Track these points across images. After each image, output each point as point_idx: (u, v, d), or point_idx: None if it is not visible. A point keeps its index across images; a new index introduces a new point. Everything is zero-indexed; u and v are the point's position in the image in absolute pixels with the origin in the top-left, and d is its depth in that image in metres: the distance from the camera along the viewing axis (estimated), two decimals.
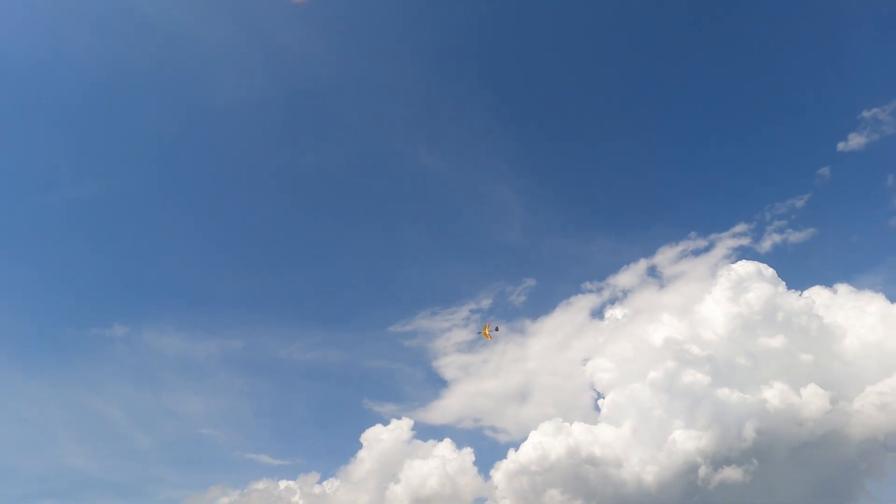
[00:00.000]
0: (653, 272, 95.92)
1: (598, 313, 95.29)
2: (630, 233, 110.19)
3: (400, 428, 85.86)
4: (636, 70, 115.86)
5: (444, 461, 79.40)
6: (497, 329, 72.75)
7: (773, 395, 64.94)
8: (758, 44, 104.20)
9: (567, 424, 74.38)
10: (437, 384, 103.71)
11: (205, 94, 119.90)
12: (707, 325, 72.79)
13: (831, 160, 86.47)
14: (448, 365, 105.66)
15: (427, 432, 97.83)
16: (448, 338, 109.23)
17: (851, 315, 71.65)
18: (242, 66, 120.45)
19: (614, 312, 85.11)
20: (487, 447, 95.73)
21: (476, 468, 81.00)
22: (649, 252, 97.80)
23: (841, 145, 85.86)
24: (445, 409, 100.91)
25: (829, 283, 76.87)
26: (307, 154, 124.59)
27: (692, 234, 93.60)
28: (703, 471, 63.12)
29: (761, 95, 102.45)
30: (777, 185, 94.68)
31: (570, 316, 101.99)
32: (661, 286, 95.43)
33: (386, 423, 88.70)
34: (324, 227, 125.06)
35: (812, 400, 63.33)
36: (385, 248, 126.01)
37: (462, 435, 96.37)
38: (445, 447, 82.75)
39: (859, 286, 75.61)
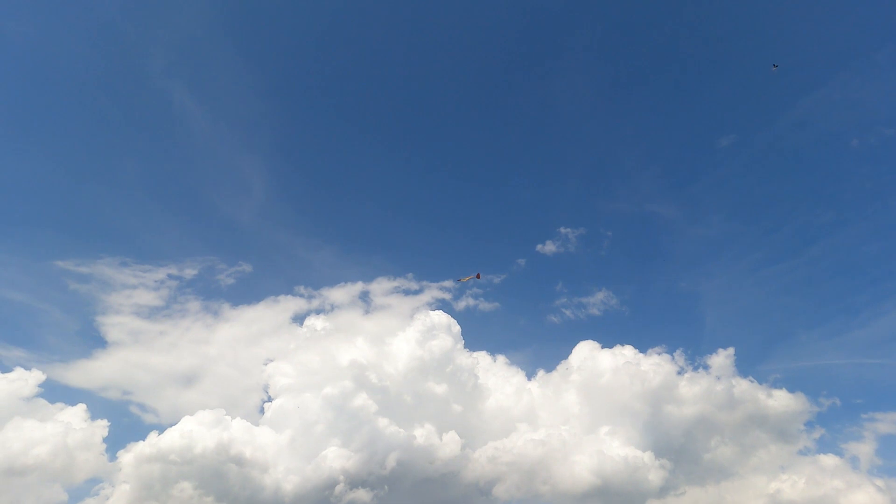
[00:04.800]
0: (365, 297, 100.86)
1: (300, 319, 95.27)
2: (357, 255, 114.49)
3: (23, 380, 71.00)
4: None
5: (68, 429, 67.86)
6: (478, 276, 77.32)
7: (422, 433, 73.20)
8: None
9: (228, 418, 71.26)
10: (93, 342, 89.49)
11: None
12: (392, 358, 79.05)
13: (529, 255, 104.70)
14: (116, 325, 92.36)
15: (59, 393, 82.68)
16: (129, 296, 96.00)
17: (499, 382, 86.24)
18: None
19: (315, 322, 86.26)
20: (128, 425, 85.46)
21: (105, 445, 71.32)
22: (368, 278, 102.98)
23: (539, 247, 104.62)
24: (93, 371, 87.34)
25: (493, 351, 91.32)
26: None
27: (409, 274, 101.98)
28: (339, 488, 66.75)
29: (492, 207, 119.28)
30: (486, 263, 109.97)
31: (272, 313, 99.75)
32: (367, 312, 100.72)
33: (7, 369, 72.66)
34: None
35: (448, 444, 73.26)
36: (91, 172, 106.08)
37: (102, 405, 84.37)
38: (76, 414, 71.29)
39: (512, 360, 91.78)
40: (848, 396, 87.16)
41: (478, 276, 80.00)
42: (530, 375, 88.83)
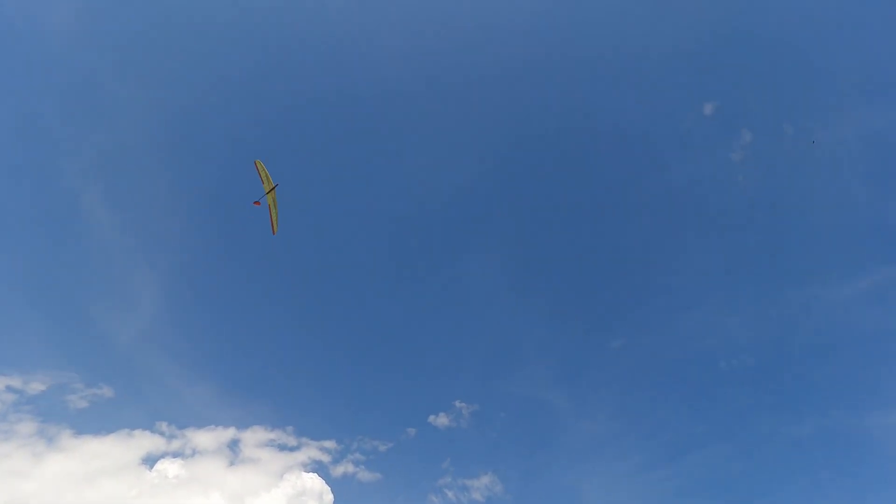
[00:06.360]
0: (234, 446, 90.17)
1: (152, 461, 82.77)
2: (236, 398, 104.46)
3: None
4: None
5: None
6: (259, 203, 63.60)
7: None
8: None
9: None
10: None
11: None
12: None
13: (420, 425, 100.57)
14: None
15: None
16: None
17: None
18: None
19: (168, 467, 75.23)
20: None
21: None
22: (243, 424, 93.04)
23: (432, 418, 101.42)
24: None
25: None
26: None
27: (290, 428, 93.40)
28: None
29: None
30: (373, 424, 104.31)
31: (121, 450, 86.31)
32: (234, 463, 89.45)
33: None
34: None
35: None
36: None
37: None
38: None
39: None
40: None
41: (257, 203, 65.78)
42: None
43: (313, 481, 76.41)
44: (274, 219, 65.03)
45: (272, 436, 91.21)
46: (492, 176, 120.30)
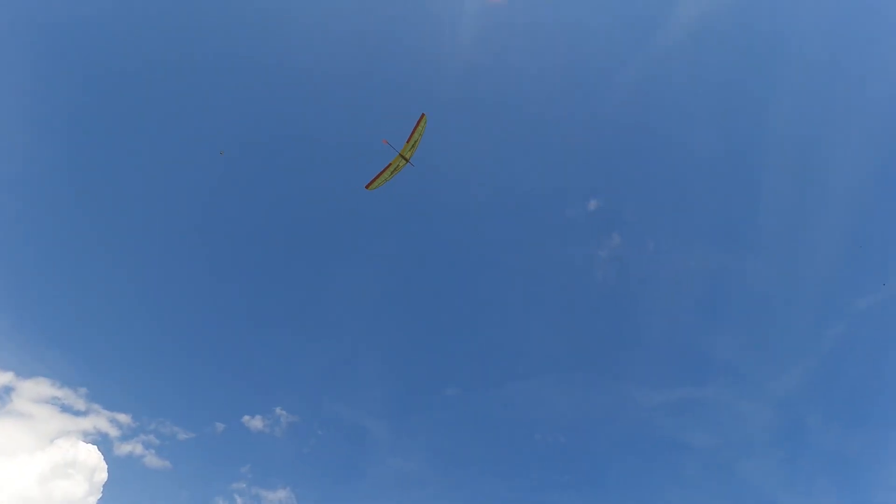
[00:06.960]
0: (5, 394, 77.37)
1: None
2: (31, 338, 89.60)
3: None
4: None
5: None
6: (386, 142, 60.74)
7: None
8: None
9: None
10: None
11: None
12: None
13: (230, 422, 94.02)
14: None
15: None
16: None
17: None
18: None
19: None
20: None
21: None
22: (26, 372, 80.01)
23: (246, 418, 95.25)
24: None
25: None
26: None
27: (82, 390, 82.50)
28: None
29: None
30: (179, 409, 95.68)
31: None
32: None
33: None
34: None
35: None
36: None
37: None
38: None
39: None
40: None
41: (385, 142, 61.62)
42: None
43: (89, 454, 68.08)
44: (380, 181, 61.17)
45: (58, 393, 79.96)
46: (387, 203, 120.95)
